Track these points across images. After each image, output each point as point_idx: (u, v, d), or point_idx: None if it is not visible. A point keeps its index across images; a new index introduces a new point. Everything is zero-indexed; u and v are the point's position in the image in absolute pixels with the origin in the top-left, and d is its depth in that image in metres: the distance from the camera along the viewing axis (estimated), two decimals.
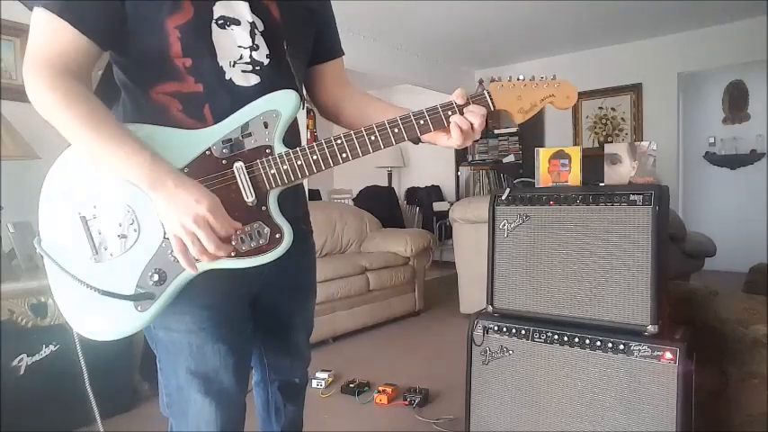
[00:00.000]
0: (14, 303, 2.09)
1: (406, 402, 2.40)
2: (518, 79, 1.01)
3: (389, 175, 7.00)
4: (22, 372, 2.08)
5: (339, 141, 0.94)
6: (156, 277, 0.91)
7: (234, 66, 0.95)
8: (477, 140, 0.99)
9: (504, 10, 4.62)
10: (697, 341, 1.58)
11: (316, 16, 1.11)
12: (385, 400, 2.43)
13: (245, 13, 0.96)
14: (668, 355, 1.43)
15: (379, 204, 6.04)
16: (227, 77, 0.94)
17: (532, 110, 1.01)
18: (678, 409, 1.41)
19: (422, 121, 0.96)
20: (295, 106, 0.95)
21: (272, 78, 0.97)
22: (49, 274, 0.95)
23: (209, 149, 0.92)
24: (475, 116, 0.96)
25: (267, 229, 0.92)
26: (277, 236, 0.92)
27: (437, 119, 0.97)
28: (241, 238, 0.91)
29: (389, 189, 6.80)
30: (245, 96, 0.94)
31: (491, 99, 0.99)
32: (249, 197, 0.92)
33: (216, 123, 0.93)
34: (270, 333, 1.22)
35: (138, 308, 0.91)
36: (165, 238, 0.90)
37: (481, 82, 6.49)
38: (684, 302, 1.78)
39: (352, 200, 6.27)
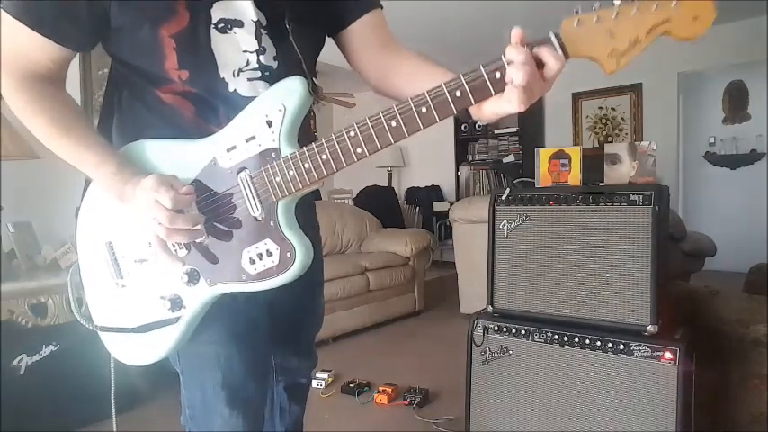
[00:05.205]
0: (14, 303, 2.09)
1: (406, 402, 2.40)
2: (612, 4, 0.66)
3: (389, 175, 7.00)
4: (22, 372, 2.07)
5: (352, 134, 0.77)
6: (169, 304, 0.87)
7: (238, 75, 0.86)
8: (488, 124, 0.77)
9: (504, 9, 4.62)
10: (697, 341, 1.57)
11: None
12: (385, 400, 2.43)
13: (248, 11, 0.85)
14: (668, 355, 1.43)
15: (379, 204, 6.03)
16: (231, 89, 0.86)
17: (633, 49, 0.67)
18: (678, 409, 1.41)
19: (458, 93, 0.72)
20: (302, 95, 0.81)
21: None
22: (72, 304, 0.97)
23: (214, 161, 0.84)
24: (536, 58, 0.70)
25: (277, 249, 0.81)
26: (288, 255, 0.81)
27: (479, 86, 0.72)
28: (251, 259, 0.83)
29: (389, 189, 6.80)
30: None
31: (561, 46, 0.69)
32: (256, 211, 0.82)
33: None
34: (280, 333, 1.18)
35: (162, 334, 0.89)
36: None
37: None
38: (684, 302, 1.78)
39: (352, 200, 6.27)
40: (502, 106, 0.73)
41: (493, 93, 0.72)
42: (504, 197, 1.76)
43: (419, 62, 0.97)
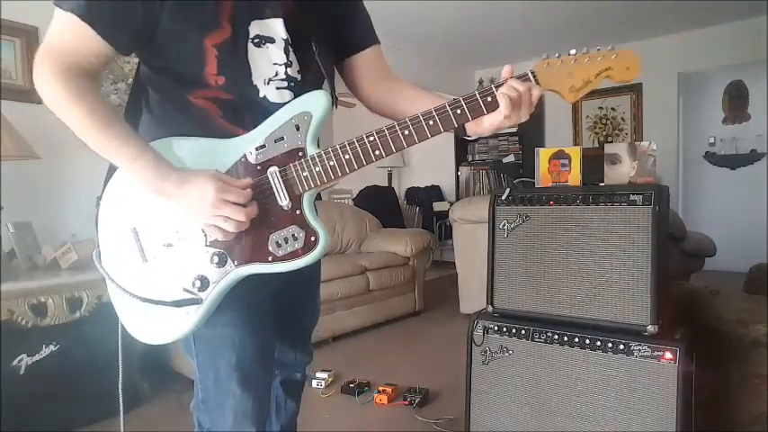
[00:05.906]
0: (14, 303, 2.08)
1: (406, 402, 2.40)
2: (569, 54, 0.93)
3: (389, 175, 7.00)
4: (22, 372, 2.08)
5: (371, 138, 0.93)
6: (198, 283, 0.94)
7: (268, 84, 0.98)
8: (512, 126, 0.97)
9: (503, 9, 4.62)
10: (697, 341, 1.57)
11: (331, 9, 1.08)
12: (385, 400, 2.43)
13: (280, 30, 0.98)
14: (668, 355, 1.43)
15: (379, 204, 6.04)
16: (262, 95, 0.98)
17: (586, 87, 0.93)
18: (678, 409, 1.41)
19: (458, 111, 0.92)
20: (325, 105, 0.96)
21: (304, 91, 0.98)
22: (107, 282, 1.01)
23: (244, 157, 0.95)
24: (520, 85, 0.92)
25: (302, 233, 0.95)
26: (312, 239, 0.94)
27: (474, 106, 0.93)
28: (277, 242, 0.94)
29: (389, 189, 6.80)
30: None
31: (536, 79, 0.93)
32: (283, 201, 0.95)
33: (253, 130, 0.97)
34: (279, 326, 1.22)
35: (185, 313, 0.96)
36: (206, 245, 0.94)
37: (481, 82, 6.50)
38: (684, 302, 1.78)
39: (352, 200, 6.27)
40: (497, 117, 0.94)
41: (485, 111, 0.93)
42: (504, 197, 1.77)
43: (420, 90, 1.14)
